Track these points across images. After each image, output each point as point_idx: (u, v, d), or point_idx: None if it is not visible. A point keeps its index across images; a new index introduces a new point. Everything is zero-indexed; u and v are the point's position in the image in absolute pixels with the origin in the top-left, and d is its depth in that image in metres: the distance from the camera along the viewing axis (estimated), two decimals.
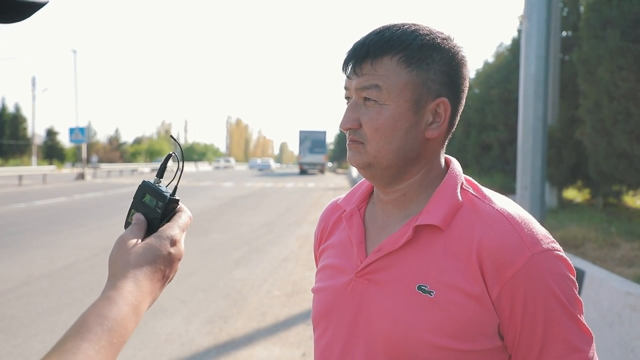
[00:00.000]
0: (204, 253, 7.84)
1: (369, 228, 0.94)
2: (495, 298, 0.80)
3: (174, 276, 0.76)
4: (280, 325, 4.66)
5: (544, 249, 0.80)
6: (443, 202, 0.85)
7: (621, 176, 9.53)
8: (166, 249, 0.73)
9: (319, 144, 44.76)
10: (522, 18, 8.28)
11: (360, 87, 0.85)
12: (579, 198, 14.25)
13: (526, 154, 7.97)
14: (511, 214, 0.82)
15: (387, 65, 0.83)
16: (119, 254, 0.72)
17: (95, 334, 0.62)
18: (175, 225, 0.76)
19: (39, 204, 14.87)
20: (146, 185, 0.78)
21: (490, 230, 0.81)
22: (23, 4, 0.63)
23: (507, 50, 17.76)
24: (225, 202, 16.19)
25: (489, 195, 0.87)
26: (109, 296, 0.66)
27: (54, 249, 8.06)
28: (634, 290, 3.07)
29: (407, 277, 0.84)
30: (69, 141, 32.05)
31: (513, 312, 0.80)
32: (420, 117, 0.85)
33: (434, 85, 0.84)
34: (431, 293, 0.81)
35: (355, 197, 0.99)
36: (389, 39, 0.83)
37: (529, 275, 0.78)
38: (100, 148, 58.31)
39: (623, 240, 7.07)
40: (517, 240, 0.79)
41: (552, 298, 0.79)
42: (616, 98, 8.90)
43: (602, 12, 9.05)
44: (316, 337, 0.97)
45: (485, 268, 0.80)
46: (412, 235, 0.85)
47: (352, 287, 0.89)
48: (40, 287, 5.82)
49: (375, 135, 0.84)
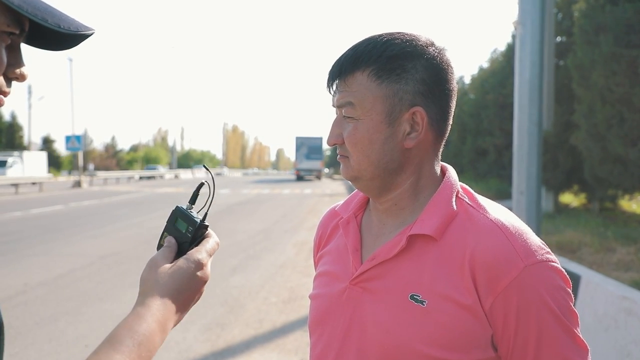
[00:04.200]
0: None
1: (365, 235, 0.94)
2: (488, 309, 0.79)
3: (199, 298, 0.80)
4: (278, 332, 4.66)
5: (538, 260, 0.79)
6: (437, 211, 0.85)
7: (617, 181, 9.58)
8: (193, 272, 0.76)
9: (316, 150, 44.78)
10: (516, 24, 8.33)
11: (338, 105, 0.87)
12: (575, 203, 14.30)
13: (522, 159, 8.00)
14: (505, 225, 0.82)
15: (359, 80, 0.84)
16: (150, 273, 0.77)
17: (127, 346, 0.66)
18: (202, 250, 0.79)
19: (36, 212, 14.82)
20: (179, 210, 0.82)
21: (484, 240, 0.80)
22: (69, 35, 0.66)
23: (502, 56, 17.87)
24: (221, 209, 16.16)
25: (484, 204, 0.87)
26: (139, 312, 0.71)
27: (51, 257, 8.03)
28: (630, 295, 3.08)
29: (400, 286, 0.84)
30: (65, 149, 31.97)
31: (506, 325, 0.79)
32: (396, 129, 0.84)
33: (406, 96, 0.84)
34: (423, 303, 0.81)
35: (353, 204, 1.00)
36: (360, 53, 0.84)
37: (522, 287, 0.78)
38: (96, 156, 58.15)
39: (619, 244, 7.10)
40: (511, 251, 0.79)
41: (545, 310, 0.78)
42: (610, 103, 8.97)
43: (595, 18, 9.13)
44: (312, 343, 0.98)
45: (478, 279, 0.79)
46: (406, 245, 0.85)
47: (347, 295, 0.90)
48: (37, 296, 5.80)
49: (355, 150, 0.86)
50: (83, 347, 4.26)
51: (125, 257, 8.06)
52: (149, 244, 9.28)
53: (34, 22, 0.63)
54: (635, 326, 2.89)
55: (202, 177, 53.31)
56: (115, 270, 7.11)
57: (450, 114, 0.89)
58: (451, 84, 0.87)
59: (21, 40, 0.65)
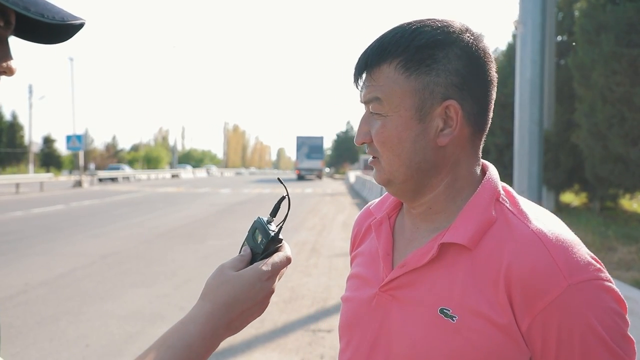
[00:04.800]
0: (202, 260, 7.83)
1: (397, 239, 0.88)
2: (525, 331, 0.71)
3: (261, 309, 0.79)
4: (279, 332, 4.66)
5: (585, 279, 0.69)
6: (473, 217, 0.77)
7: (617, 180, 9.58)
8: (253, 282, 0.77)
9: (317, 149, 44.82)
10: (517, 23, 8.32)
11: (365, 101, 0.81)
12: (576, 202, 14.29)
13: (523, 159, 8.00)
14: (548, 236, 0.72)
15: (385, 73, 0.77)
16: (213, 278, 0.78)
17: (175, 348, 0.70)
18: (269, 262, 0.79)
19: (37, 212, 14.83)
20: (259, 222, 0.83)
21: (522, 253, 0.72)
22: (58, 27, 0.64)
23: (503, 55, 17.84)
24: (222, 209, 16.17)
25: (527, 211, 0.78)
26: (193, 315, 0.75)
27: (52, 256, 8.04)
28: (631, 294, 3.08)
29: (429, 298, 0.78)
30: (66, 149, 32.01)
31: (545, 350, 0.70)
32: (428, 125, 0.77)
33: (438, 88, 0.76)
34: (453, 318, 0.74)
35: (387, 204, 0.93)
36: (387, 44, 0.77)
37: (565, 308, 0.68)
38: (97, 155, 58.22)
39: (620, 243, 7.10)
40: (552, 266, 0.70)
41: (592, 336, 0.68)
42: (611, 102, 8.96)
43: (596, 17, 9.12)
44: (341, 347, 0.94)
45: (514, 296, 0.71)
46: (437, 253, 0.78)
47: (376, 302, 0.85)
48: (38, 295, 5.80)
49: (384, 149, 0.80)
50: (84, 347, 4.26)
51: (126, 257, 8.06)
52: (150, 244, 9.29)
53: (22, 15, 0.61)
54: (636, 326, 2.89)
55: (202, 176, 53.23)
56: (116, 270, 7.12)
57: (490, 106, 0.81)
58: (489, 74, 0.79)
59: (8, 33, 0.64)
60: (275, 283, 0.80)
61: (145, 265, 7.49)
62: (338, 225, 12.27)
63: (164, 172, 51.15)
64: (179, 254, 8.27)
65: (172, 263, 7.61)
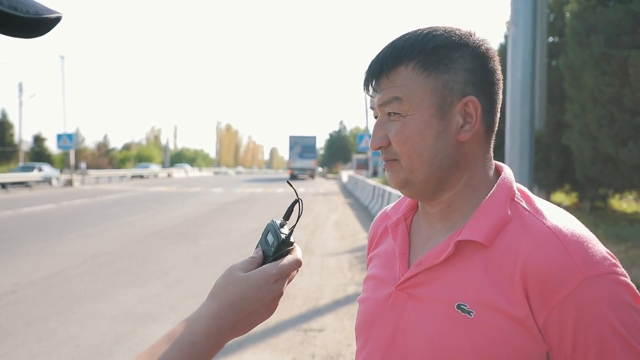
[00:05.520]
0: (194, 259, 7.81)
1: (413, 239, 0.90)
2: (542, 324, 0.72)
3: (269, 311, 0.80)
4: (270, 331, 4.65)
5: (601, 273, 0.71)
6: (489, 215, 0.79)
7: (607, 180, 9.66)
8: (260, 283, 0.77)
9: (309, 149, 44.83)
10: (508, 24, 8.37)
11: (382, 103, 0.82)
12: (567, 202, 14.40)
13: (514, 159, 8.05)
14: (563, 231, 0.74)
15: (403, 74, 0.80)
16: (222, 278, 0.79)
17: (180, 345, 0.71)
18: (278, 264, 0.79)
19: (26, 211, 14.72)
20: (272, 225, 0.84)
21: (538, 248, 0.73)
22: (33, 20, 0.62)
23: None
24: (214, 208, 16.13)
25: (543, 209, 0.79)
26: (199, 314, 0.75)
27: (42, 256, 7.98)
28: None
29: (446, 294, 0.79)
30: (56, 147, 31.78)
31: (562, 343, 0.71)
32: (449, 122, 0.80)
33: (456, 86, 0.79)
34: (471, 313, 0.76)
35: (403, 206, 0.95)
36: (401, 47, 0.80)
37: (580, 302, 0.70)
38: (88, 154, 57.77)
39: (609, 243, 7.17)
40: (567, 260, 0.71)
41: (608, 329, 0.69)
42: (601, 103, 9.04)
43: (586, 19, 9.20)
44: (358, 347, 0.95)
45: (530, 291, 0.72)
46: (454, 251, 0.79)
47: (393, 301, 0.86)
48: (27, 296, 5.76)
49: (404, 149, 0.81)
50: (74, 347, 4.23)
51: (118, 257, 8.02)
52: (142, 243, 9.25)
53: None
54: None
55: (195, 176, 53.09)
56: (107, 270, 7.08)
57: (499, 105, 0.84)
58: (498, 74, 0.83)
59: None
60: (284, 286, 0.80)
61: (137, 265, 7.45)
62: (330, 224, 12.28)
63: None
64: (170, 254, 8.24)
65: (163, 263, 7.58)
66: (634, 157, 8.44)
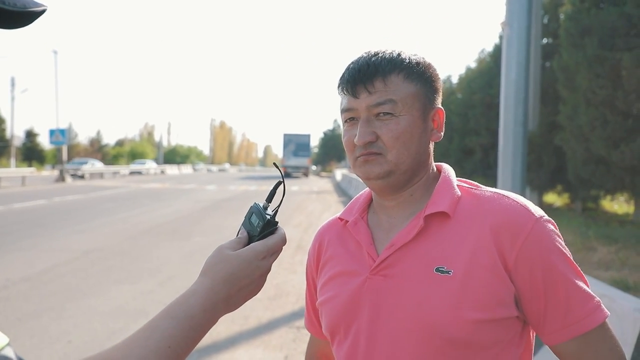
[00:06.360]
0: (187, 256, 7.79)
1: (375, 232, 1.00)
2: (512, 266, 0.87)
3: (257, 287, 0.84)
4: (263, 329, 4.66)
5: (542, 215, 0.90)
6: (445, 194, 0.94)
7: (599, 181, 9.74)
8: (250, 260, 0.82)
9: (303, 147, 44.79)
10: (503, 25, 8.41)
11: (374, 104, 0.92)
12: (559, 202, 14.49)
13: (507, 159, 8.09)
14: (507, 193, 0.94)
15: (395, 81, 0.92)
16: (212, 257, 0.82)
17: (178, 319, 0.74)
18: (265, 243, 0.84)
19: (18, 207, 14.62)
20: (255, 207, 0.89)
21: (497, 207, 0.91)
22: (17, 13, 0.63)
23: (489, 56, 18.01)
24: (208, 205, 16.10)
25: (482, 186, 0.98)
26: (194, 289, 0.78)
27: (34, 252, 7.94)
28: (609, 293, 3.15)
29: (424, 263, 0.90)
30: (49, 143, 31.54)
31: (533, 272, 0.87)
32: (427, 124, 0.96)
33: (432, 97, 0.96)
34: (449, 272, 0.88)
35: (356, 208, 1.05)
36: (392, 58, 0.94)
37: (539, 238, 0.87)
38: (81, 150, 57.42)
39: (600, 244, 7.23)
40: (521, 209, 0.89)
41: (560, 255, 0.88)
42: (594, 105, 9.10)
43: (580, 21, 9.25)
44: (337, 344, 0.99)
45: (500, 239, 0.87)
46: (424, 225, 0.92)
47: (367, 286, 0.94)
48: (20, 291, 5.73)
49: (396, 144, 0.92)
50: (66, 343, 4.22)
51: (110, 253, 7.99)
52: (135, 240, 9.22)
53: None
54: (613, 323, 2.95)
55: (188, 173, 52.87)
56: (100, 266, 7.05)
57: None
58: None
59: None
60: (271, 263, 0.85)
61: (130, 261, 7.43)
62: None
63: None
64: (163, 251, 8.22)
65: (156, 259, 7.57)
66: (626, 158, 8.50)
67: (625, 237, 7.66)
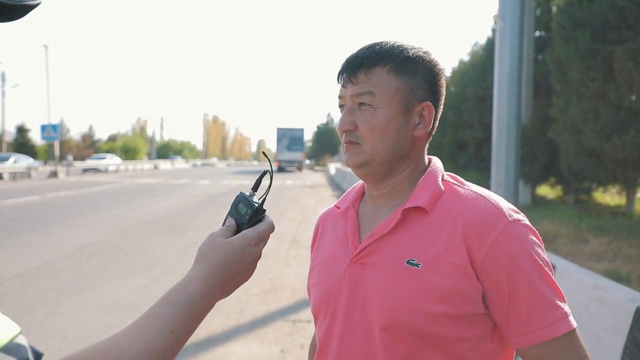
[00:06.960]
0: (181, 251, 7.79)
1: (362, 221, 1.04)
2: (479, 265, 0.89)
3: (249, 273, 0.87)
4: (258, 322, 4.68)
5: (518, 218, 0.92)
6: (427, 189, 0.97)
7: (591, 174, 9.80)
8: (242, 247, 0.84)
9: (297, 141, 44.71)
10: (496, 18, 8.42)
11: (355, 94, 0.96)
12: (552, 195, 14.59)
13: (500, 152, 8.13)
14: (488, 194, 0.96)
15: (379, 74, 0.95)
16: (205, 245, 0.85)
17: (178, 304, 0.76)
18: (255, 230, 0.87)
19: (11, 203, 14.53)
20: (242, 196, 0.91)
21: (471, 206, 0.93)
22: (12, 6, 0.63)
23: (482, 49, 18.03)
24: (202, 200, 16.07)
25: (467, 183, 1.00)
26: (191, 276, 0.81)
27: (27, 248, 7.91)
28: (602, 284, 3.18)
29: (397, 255, 0.94)
30: (40, 138, 31.30)
31: (498, 275, 0.88)
32: (409, 119, 0.97)
33: (419, 92, 0.97)
34: (419, 265, 0.91)
35: (350, 196, 1.10)
36: (380, 52, 0.96)
37: (508, 240, 0.88)
38: (73, 145, 57.07)
39: (592, 235, 7.29)
40: (495, 210, 0.91)
41: (529, 260, 0.88)
42: (586, 97, 9.15)
43: (572, 13, 9.28)
44: (318, 325, 1.05)
45: (470, 238, 0.89)
46: (401, 218, 0.95)
47: (348, 273, 0.99)
48: (14, 287, 5.71)
49: (371, 135, 0.95)
50: (62, 339, 4.22)
51: (105, 248, 7.98)
52: (129, 235, 9.20)
53: None
54: (606, 314, 2.99)
55: (181, 167, 52.68)
56: (94, 261, 7.04)
57: (440, 114, 1.03)
58: (444, 89, 1.02)
59: None
60: (261, 249, 0.88)
61: (124, 256, 7.42)
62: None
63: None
64: (158, 246, 8.21)
65: (151, 254, 7.56)
66: (618, 151, 8.57)
67: (617, 229, 7.73)
